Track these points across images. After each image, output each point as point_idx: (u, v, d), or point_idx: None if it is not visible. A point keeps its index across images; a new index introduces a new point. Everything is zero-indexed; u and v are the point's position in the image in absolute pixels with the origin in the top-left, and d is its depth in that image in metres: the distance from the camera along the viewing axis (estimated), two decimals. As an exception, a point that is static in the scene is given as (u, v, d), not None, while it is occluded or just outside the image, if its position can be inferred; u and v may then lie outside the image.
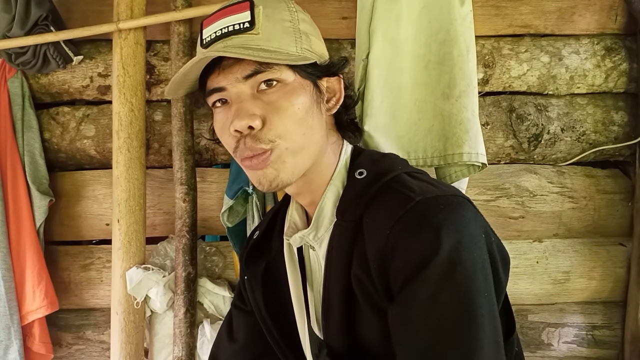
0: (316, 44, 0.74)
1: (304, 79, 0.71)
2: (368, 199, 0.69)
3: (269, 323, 0.86)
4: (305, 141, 0.71)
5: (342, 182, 0.75)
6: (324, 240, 0.75)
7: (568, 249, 1.48)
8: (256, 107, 0.68)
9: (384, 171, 0.72)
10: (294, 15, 0.72)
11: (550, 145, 1.44)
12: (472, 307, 0.59)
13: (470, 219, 0.63)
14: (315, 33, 0.76)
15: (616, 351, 1.52)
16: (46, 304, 1.36)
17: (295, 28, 0.71)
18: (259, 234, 0.90)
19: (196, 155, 1.40)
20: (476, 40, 1.17)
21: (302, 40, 0.71)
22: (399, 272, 0.62)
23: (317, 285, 0.80)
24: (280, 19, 0.70)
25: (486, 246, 0.64)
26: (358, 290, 0.69)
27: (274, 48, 0.68)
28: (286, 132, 0.69)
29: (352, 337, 0.72)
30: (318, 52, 0.74)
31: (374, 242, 0.66)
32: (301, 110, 0.70)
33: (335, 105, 0.76)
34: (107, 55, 1.41)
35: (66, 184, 1.46)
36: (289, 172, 0.70)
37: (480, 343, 0.58)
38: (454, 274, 0.59)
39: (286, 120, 0.69)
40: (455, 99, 1.10)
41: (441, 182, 0.74)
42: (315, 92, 0.73)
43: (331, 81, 0.77)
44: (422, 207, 0.63)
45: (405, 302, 0.62)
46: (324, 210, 0.75)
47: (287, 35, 0.70)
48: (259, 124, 0.68)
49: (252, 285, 0.88)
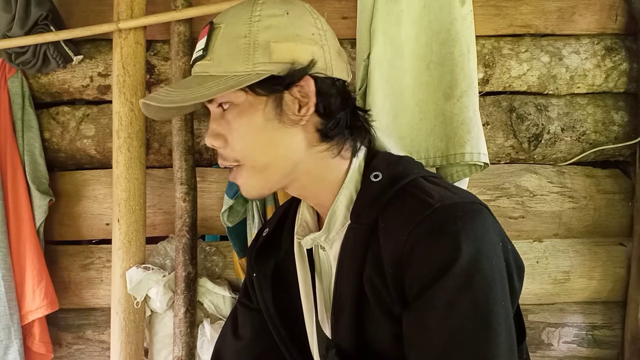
0: (281, 50, 0.69)
1: (258, 96, 0.69)
2: (384, 203, 0.68)
3: (277, 321, 0.85)
4: (269, 158, 0.72)
5: (355, 185, 0.74)
6: (336, 242, 0.75)
7: (568, 249, 1.49)
8: (220, 127, 0.73)
9: (401, 175, 0.71)
10: (254, 27, 0.69)
11: (550, 145, 1.44)
12: (490, 316, 0.59)
13: (489, 227, 0.63)
14: (286, 35, 0.70)
15: (616, 351, 1.52)
16: (46, 304, 1.35)
17: (250, 42, 0.68)
18: (269, 231, 0.90)
19: (196, 155, 1.40)
20: (476, 40, 1.17)
21: (256, 54, 0.68)
22: (416, 278, 0.62)
23: (326, 285, 0.80)
24: (235, 36, 0.69)
25: (503, 254, 0.64)
26: (370, 293, 0.69)
27: (221, 72, 0.69)
28: (245, 152, 0.71)
29: (362, 339, 0.72)
30: (283, 60, 0.68)
31: (390, 247, 0.65)
32: (252, 131, 0.70)
33: (304, 115, 0.70)
34: (107, 55, 1.41)
35: (66, 183, 1.46)
36: (258, 189, 0.74)
37: (497, 352, 0.58)
38: (472, 282, 0.59)
39: (240, 141, 0.71)
40: (457, 99, 1.10)
41: (457, 187, 0.73)
42: (272, 107, 0.70)
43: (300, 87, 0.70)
44: (440, 214, 0.63)
45: (422, 308, 0.62)
46: (336, 212, 0.74)
47: (236, 55, 0.69)
48: (220, 144, 0.73)
49: (260, 284, 0.87)
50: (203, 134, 1.42)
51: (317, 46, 0.71)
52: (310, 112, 0.71)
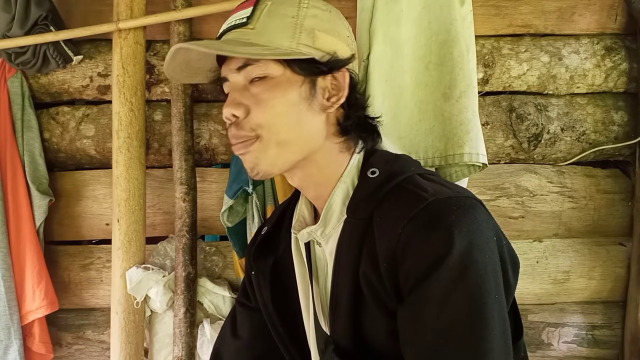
0: (324, 40, 0.73)
1: (295, 74, 0.71)
2: (380, 198, 0.69)
3: (275, 320, 0.86)
4: (291, 135, 0.72)
5: (352, 180, 0.75)
6: (332, 237, 0.76)
7: (568, 249, 1.49)
8: (243, 97, 0.72)
9: (397, 172, 0.72)
10: (302, 12, 0.72)
11: (550, 145, 1.44)
12: (483, 308, 0.59)
13: (482, 221, 0.64)
14: (328, 29, 0.74)
15: (616, 351, 1.52)
16: (46, 304, 1.36)
17: (298, 23, 0.71)
18: (267, 229, 0.91)
19: (196, 155, 1.40)
20: (476, 40, 1.17)
21: (302, 35, 0.71)
22: (410, 272, 0.62)
23: (323, 281, 0.80)
24: (283, 14, 0.72)
25: (497, 249, 0.64)
26: (366, 288, 0.69)
27: (263, 42, 0.70)
28: (267, 123, 0.71)
29: (359, 335, 0.72)
30: (324, 49, 0.72)
31: (385, 241, 0.66)
32: (283, 105, 0.71)
33: (334, 103, 0.74)
34: (107, 55, 1.41)
35: (66, 183, 1.46)
36: (269, 163, 0.72)
37: (491, 345, 0.58)
38: (465, 275, 0.59)
39: (266, 112, 0.70)
40: (456, 100, 1.10)
41: (453, 183, 0.74)
42: (307, 89, 0.72)
43: (334, 78, 0.74)
44: (434, 208, 0.63)
45: (416, 302, 0.62)
46: (332, 207, 0.75)
47: (283, 30, 0.71)
48: (242, 113, 0.71)
49: (259, 282, 0.88)
50: (203, 134, 1.42)
51: (349, 48, 0.77)
52: (340, 102, 0.74)
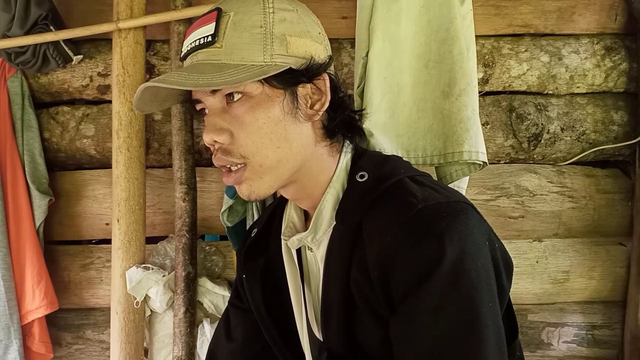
0: (297, 45, 0.68)
1: (274, 88, 0.67)
2: (368, 204, 0.67)
3: (268, 322, 0.85)
4: (280, 155, 0.68)
5: (342, 184, 0.73)
6: (323, 242, 0.74)
7: (568, 249, 1.48)
8: (224, 121, 0.68)
9: (386, 175, 0.69)
10: (269, 18, 0.67)
11: (550, 145, 1.44)
12: (477, 318, 0.57)
13: (474, 227, 0.61)
14: (300, 31, 0.69)
15: (616, 351, 1.52)
16: (46, 304, 1.36)
17: (267, 33, 0.66)
18: (257, 231, 0.89)
19: (196, 155, 1.40)
20: (476, 39, 1.17)
21: (274, 45, 0.66)
22: (401, 282, 0.61)
23: (315, 287, 0.79)
24: (250, 25, 0.66)
25: (490, 254, 0.62)
26: (357, 295, 0.67)
27: (236, 61, 0.65)
28: (256, 149, 0.67)
29: (353, 342, 0.71)
30: (299, 54, 0.68)
31: (374, 249, 0.64)
32: (268, 125, 0.67)
33: (319, 111, 0.70)
34: (106, 54, 1.41)
35: (66, 183, 1.46)
36: (266, 187, 0.70)
37: (485, 356, 0.57)
38: (457, 285, 0.57)
39: (252, 136, 0.67)
40: (455, 98, 1.10)
41: (445, 186, 0.71)
42: (289, 101, 0.68)
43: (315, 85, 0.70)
44: (424, 215, 0.61)
45: (408, 313, 0.60)
46: (322, 213, 0.73)
47: (253, 44, 0.66)
48: (226, 139, 0.67)
49: (250, 284, 0.87)
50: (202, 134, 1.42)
51: (322, 45, 0.72)
52: (324, 107, 0.70)
